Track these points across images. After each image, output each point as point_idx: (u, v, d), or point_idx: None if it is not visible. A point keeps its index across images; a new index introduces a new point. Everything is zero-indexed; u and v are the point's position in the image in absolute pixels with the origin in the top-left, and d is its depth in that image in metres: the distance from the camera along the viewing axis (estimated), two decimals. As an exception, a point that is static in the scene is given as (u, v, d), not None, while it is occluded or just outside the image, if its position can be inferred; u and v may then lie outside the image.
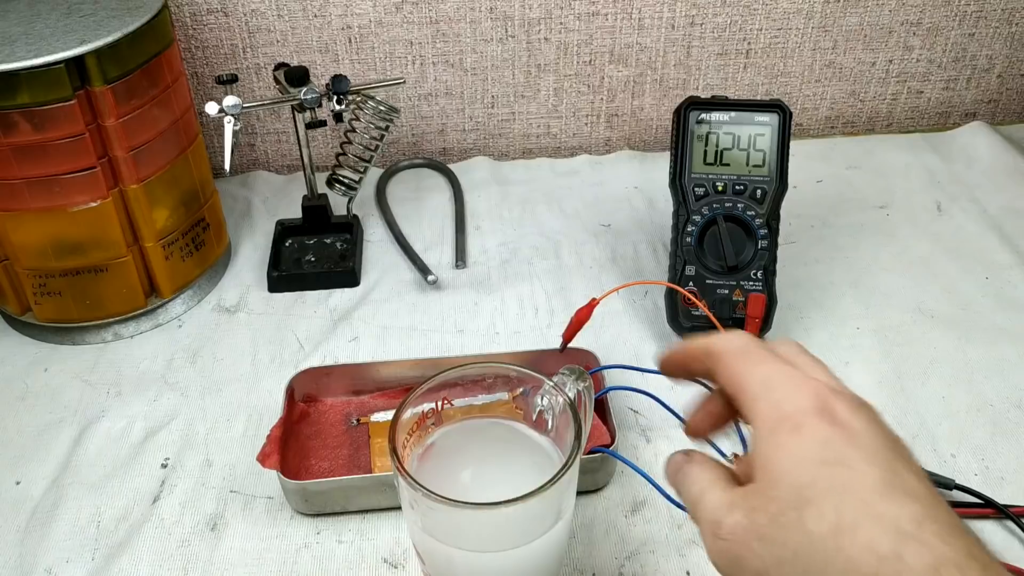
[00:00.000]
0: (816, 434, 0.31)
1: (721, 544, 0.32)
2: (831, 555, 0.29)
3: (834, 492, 0.30)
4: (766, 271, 0.66)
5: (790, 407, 0.32)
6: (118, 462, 0.60)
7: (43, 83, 0.59)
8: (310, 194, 0.79)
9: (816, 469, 0.31)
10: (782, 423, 0.32)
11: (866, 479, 0.30)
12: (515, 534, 0.42)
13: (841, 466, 0.30)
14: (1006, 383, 0.65)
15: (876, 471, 0.30)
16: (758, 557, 0.31)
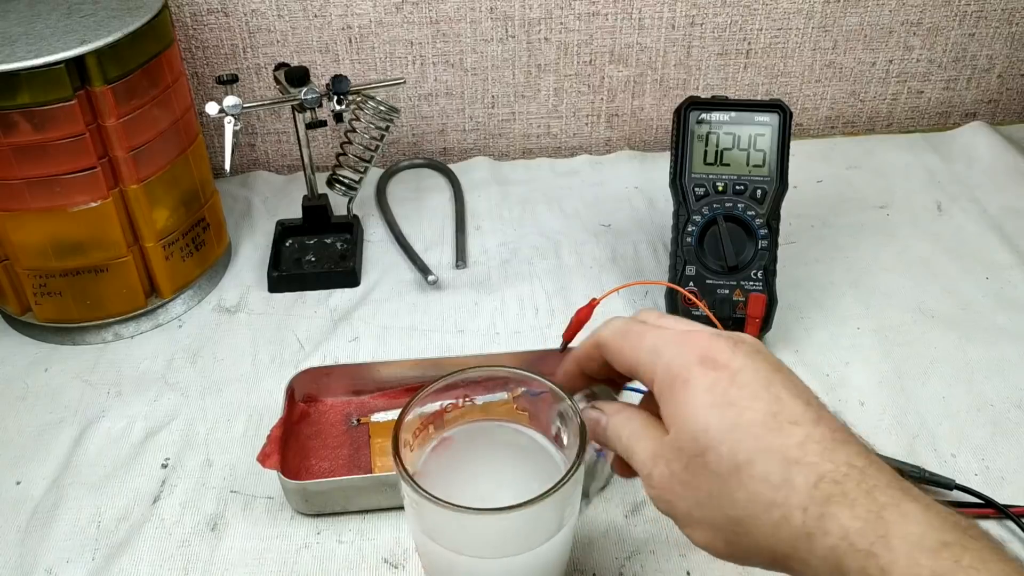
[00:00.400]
0: (702, 382, 0.35)
1: (654, 492, 0.37)
2: (735, 491, 0.33)
3: (726, 432, 0.34)
4: (766, 271, 0.66)
5: (677, 364, 0.36)
6: (118, 462, 0.60)
7: (43, 83, 0.59)
8: (310, 194, 0.79)
9: (708, 414, 0.34)
10: (675, 380, 0.36)
11: (753, 415, 0.34)
12: (518, 540, 0.42)
13: (729, 406, 0.34)
14: (1006, 383, 0.65)
15: (760, 404, 0.34)
16: (682, 500, 0.35)
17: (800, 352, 0.68)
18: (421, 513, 0.41)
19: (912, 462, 0.57)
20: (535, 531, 0.42)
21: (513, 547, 0.42)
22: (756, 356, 0.36)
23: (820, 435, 0.33)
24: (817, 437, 0.33)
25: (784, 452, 0.33)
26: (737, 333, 0.38)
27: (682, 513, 0.36)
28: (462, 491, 0.41)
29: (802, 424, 0.33)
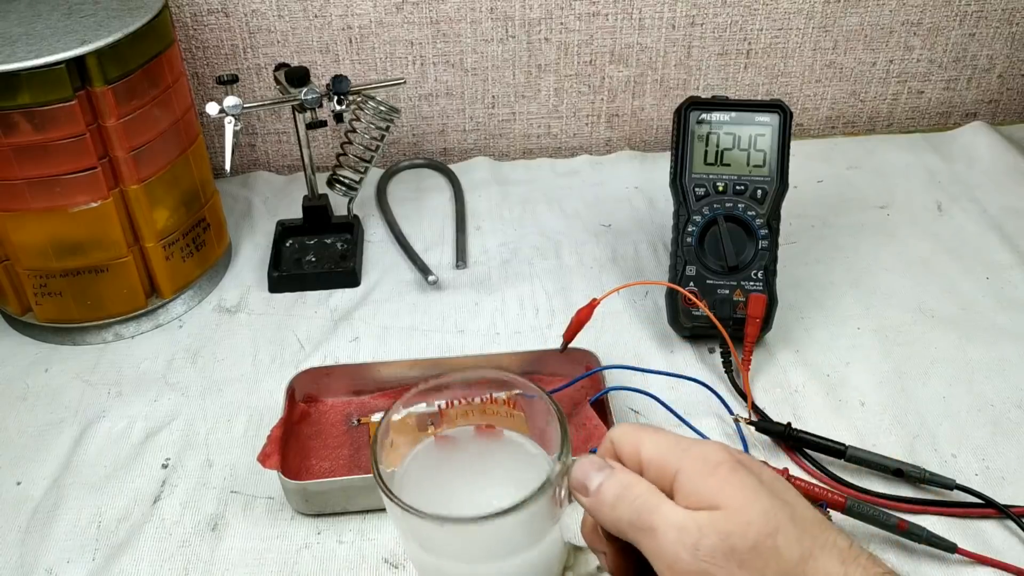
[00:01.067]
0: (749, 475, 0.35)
1: (699, 566, 0.34)
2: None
3: (790, 522, 0.34)
4: (767, 271, 0.66)
5: (715, 456, 0.36)
6: (119, 462, 0.61)
7: (44, 83, 0.59)
8: (311, 194, 0.79)
9: (769, 500, 0.34)
10: (718, 467, 0.35)
11: (806, 513, 0.35)
12: (504, 545, 0.40)
13: (781, 501, 0.35)
14: (1007, 383, 0.65)
15: (803, 508, 0.35)
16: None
17: (800, 352, 0.68)
18: (394, 515, 0.40)
19: (912, 462, 0.57)
20: (522, 536, 0.40)
21: (481, 555, 0.41)
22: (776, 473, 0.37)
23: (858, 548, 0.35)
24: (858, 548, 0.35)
25: (840, 551, 0.34)
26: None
27: None
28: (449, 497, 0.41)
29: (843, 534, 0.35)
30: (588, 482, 0.37)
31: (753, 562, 0.33)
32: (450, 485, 0.45)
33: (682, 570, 0.34)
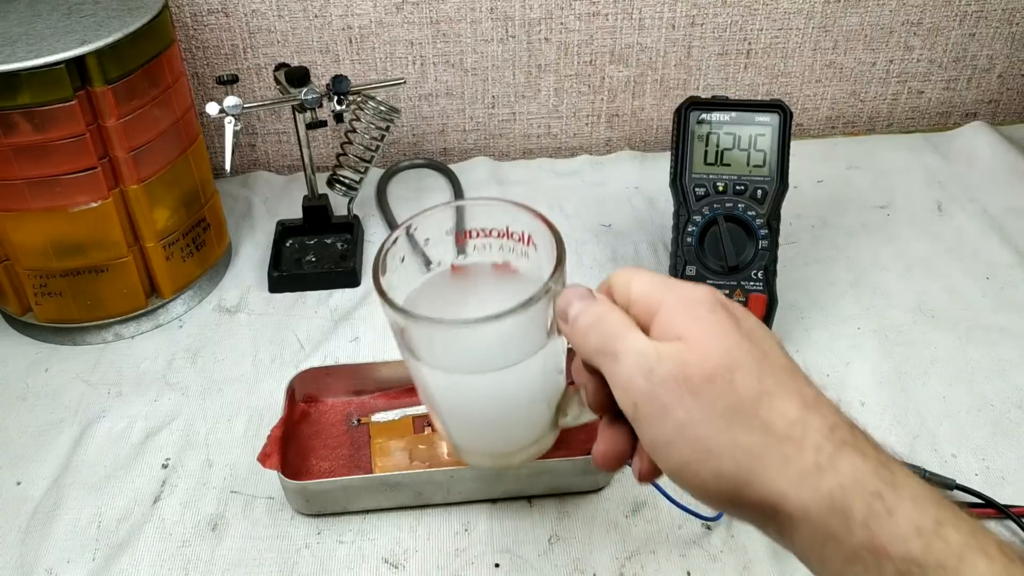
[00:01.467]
0: (727, 316, 0.36)
1: (651, 387, 0.35)
2: (753, 416, 0.33)
3: (755, 363, 0.35)
4: (767, 271, 0.66)
5: (697, 295, 0.37)
6: (119, 462, 0.61)
7: (44, 83, 0.59)
8: (311, 194, 0.79)
9: (739, 341, 0.35)
10: (697, 304, 0.36)
11: (775, 359, 0.35)
12: (494, 355, 0.42)
13: (753, 344, 0.35)
14: (1007, 383, 0.65)
15: (778, 356, 0.36)
16: (686, 409, 0.34)
17: (800, 352, 0.68)
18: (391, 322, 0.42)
19: (912, 462, 0.57)
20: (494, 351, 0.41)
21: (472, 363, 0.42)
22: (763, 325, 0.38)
23: (829, 400, 0.35)
24: (826, 400, 0.35)
25: (803, 397, 0.34)
26: None
27: (676, 422, 0.34)
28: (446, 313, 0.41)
29: (813, 386, 0.35)
30: (568, 309, 0.38)
31: (706, 393, 0.34)
32: (456, 308, 0.45)
33: (635, 393, 0.35)
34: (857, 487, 0.32)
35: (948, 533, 0.31)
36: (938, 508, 0.31)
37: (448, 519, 0.56)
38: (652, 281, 0.38)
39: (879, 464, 0.33)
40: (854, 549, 0.32)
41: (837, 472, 0.32)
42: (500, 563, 0.53)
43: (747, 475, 0.33)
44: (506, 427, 0.46)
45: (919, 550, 0.31)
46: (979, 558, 0.30)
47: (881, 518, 0.31)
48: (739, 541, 0.54)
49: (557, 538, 0.55)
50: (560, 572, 0.53)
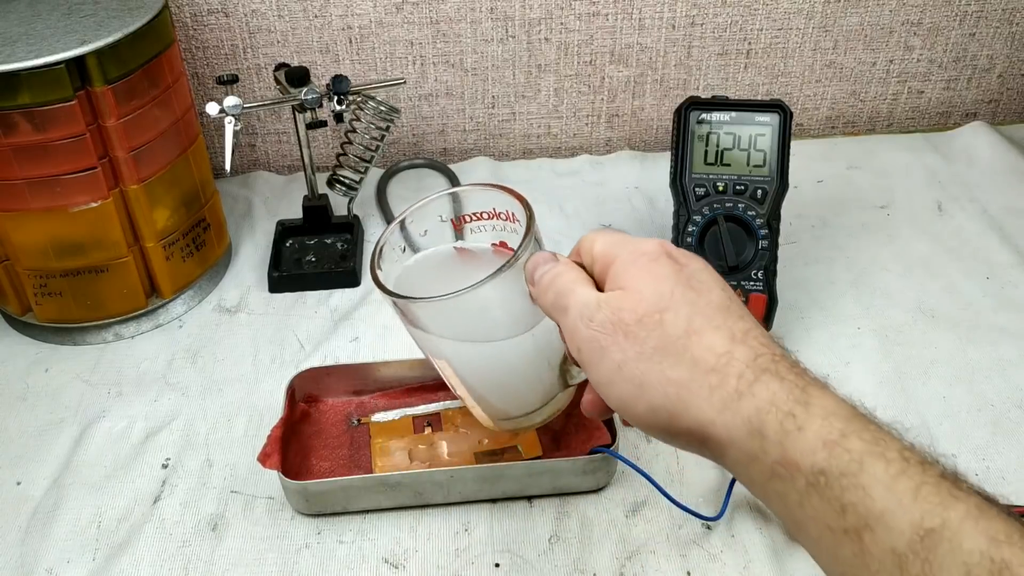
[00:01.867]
0: (669, 265, 0.39)
1: (590, 333, 0.38)
2: (681, 351, 0.37)
3: (686, 304, 0.38)
4: (767, 271, 0.66)
5: (645, 249, 0.40)
6: (119, 462, 0.61)
7: (44, 83, 0.59)
8: (311, 194, 0.79)
9: (673, 286, 0.38)
10: (641, 255, 0.40)
11: (710, 299, 0.38)
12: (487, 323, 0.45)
13: (690, 288, 0.38)
14: (1007, 383, 0.65)
15: (716, 296, 0.39)
16: (621, 350, 0.37)
17: (800, 352, 0.67)
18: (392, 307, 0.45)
19: (912, 462, 0.57)
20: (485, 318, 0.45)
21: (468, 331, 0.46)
22: (711, 268, 0.41)
23: (762, 333, 0.38)
24: (759, 332, 0.38)
25: (731, 332, 0.37)
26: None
27: (613, 362, 0.38)
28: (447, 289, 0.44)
29: (747, 320, 0.38)
30: (534, 273, 0.42)
31: (637, 333, 0.37)
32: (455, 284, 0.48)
33: (579, 339, 0.39)
34: (772, 409, 0.34)
35: (851, 442, 0.33)
36: (846, 421, 0.34)
37: (448, 519, 0.56)
38: (611, 239, 0.41)
39: (795, 386, 0.35)
40: (771, 466, 0.34)
41: (755, 397, 0.35)
42: (500, 563, 0.53)
43: (677, 406, 0.36)
44: (518, 391, 0.49)
45: (824, 461, 0.33)
46: (877, 463, 0.32)
47: (792, 435, 0.34)
48: (739, 541, 0.54)
49: (557, 538, 0.55)
50: (560, 572, 0.53)
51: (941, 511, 0.30)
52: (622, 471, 0.58)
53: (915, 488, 0.31)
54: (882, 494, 0.31)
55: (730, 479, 0.56)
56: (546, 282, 0.42)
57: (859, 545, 0.32)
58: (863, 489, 0.32)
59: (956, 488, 0.31)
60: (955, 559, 0.29)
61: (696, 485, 0.58)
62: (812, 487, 0.33)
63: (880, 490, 0.31)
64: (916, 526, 0.30)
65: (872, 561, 0.31)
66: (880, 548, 0.31)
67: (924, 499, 0.31)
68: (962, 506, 0.30)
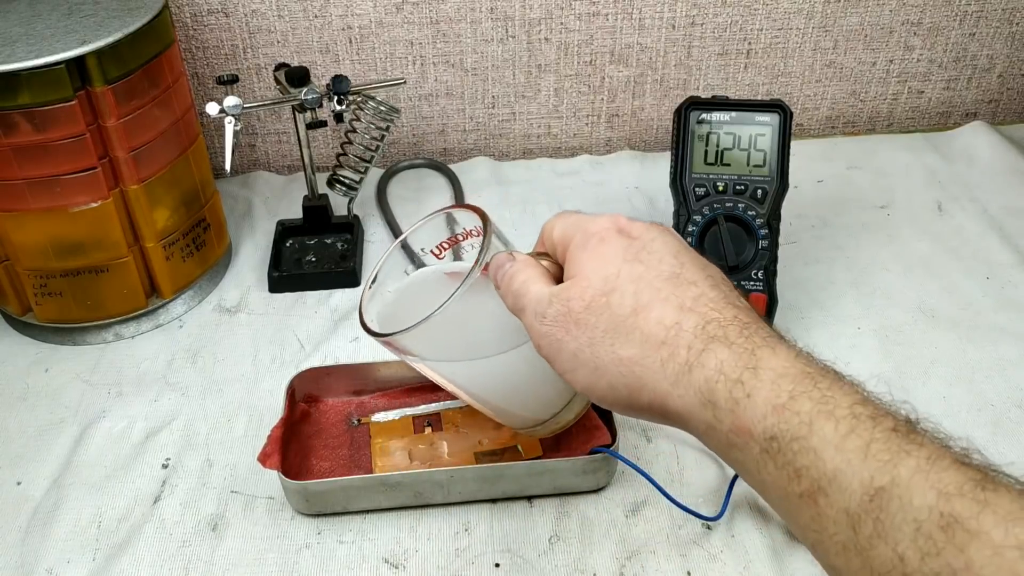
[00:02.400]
0: (618, 243, 0.39)
1: (545, 329, 0.39)
2: (631, 329, 0.37)
3: (633, 281, 0.38)
4: (767, 271, 0.66)
5: (597, 229, 0.40)
6: (119, 462, 0.61)
7: (44, 83, 0.59)
8: (311, 194, 0.79)
9: (620, 264, 0.38)
10: (591, 237, 0.40)
11: (658, 272, 0.38)
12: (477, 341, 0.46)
13: (638, 262, 0.38)
14: (1007, 383, 0.65)
15: (665, 266, 0.38)
16: (574, 339, 0.38)
17: (800, 352, 0.68)
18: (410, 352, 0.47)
19: (912, 462, 0.57)
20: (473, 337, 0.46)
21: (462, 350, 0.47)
22: (667, 234, 0.40)
23: (714, 295, 0.37)
24: (711, 296, 0.37)
25: (680, 302, 0.37)
26: (651, 221, 0.42)
27: (570, 352, 0.38)
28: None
29: (699, 286, 0.38)
30: (496, 277, 0.43)
31: (586, 319, 0.38)
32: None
33: (537, 336, 0.40)
34: (720, 378, 0.34)
35: (800, 404, 0.32)
36: (795, 382, 0.33)
37: (448, 519, 0.56)
38: (566, 223, 0.42)
39: (743, 351, 0.35)
40: (726, 435, 0.34)
41: (704, 367, 0.35)
42: (500, 563, 0.53)
43: (634, 383, 0.37)
44: (536, 396, 0.49)
45: (775, 426, 0.33)
46: (827, 423, 0.32)
47: (742, 403, 0.34)
48: (739, 541, 0.54)
49: (557, 538, 0.55)
50: (560, 572, 0.53)
51: (891, 468, 0.30)
52: (622, 471, 0.58)
53: (864, 446, 0.31)
54: (832, 455, 0.31)
55: (730, 479, 0.56)
56: (505, 286, 0.42)
57: (815, 508, 0.31)
58: (814, 452, 0.31)
59: (908, 441, 0.31)
60: (905, 516, 0.29)
61: (696, 485, 0.58)
62: (766, 453, 0.33)
63: (830, 451, 0.31)
64: (866, 486, 0.30)
65: (829, 523, 0.31)
66: (835, 510, 0.31)
67: (873, 457, 0.30)
68: (912, 461, 0.30)
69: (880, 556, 0.29)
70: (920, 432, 0.32)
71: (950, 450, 0.31)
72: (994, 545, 0.27)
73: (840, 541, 0.31)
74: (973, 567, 0.27)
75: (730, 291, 0.39)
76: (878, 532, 0.29)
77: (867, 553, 0.30)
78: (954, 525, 0.28)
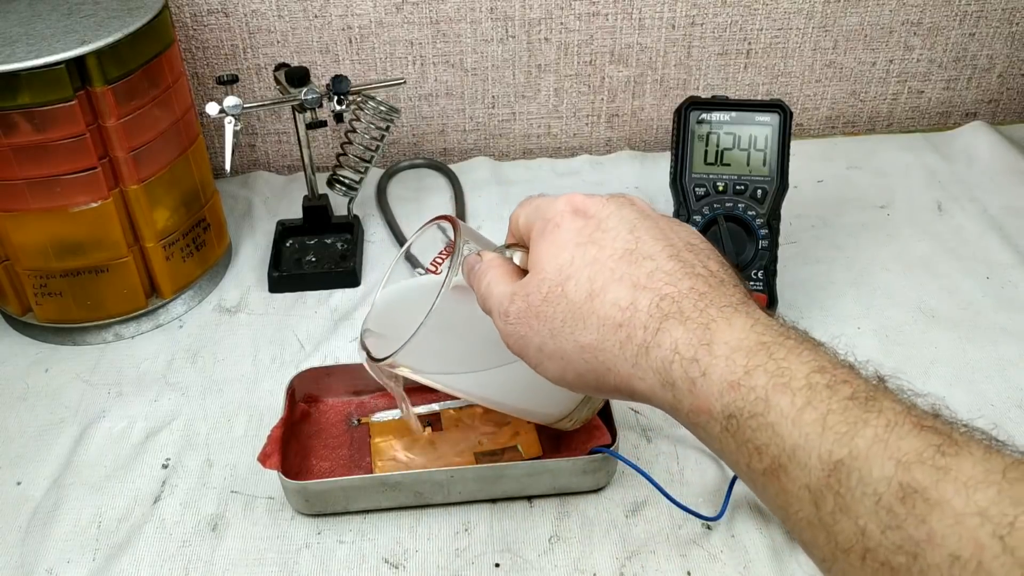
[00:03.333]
0: (572, 226, 0.39)
1: (510, 328, 0.39)
2: (588, 315, 0.36)
3: (587, 265, 0.37)
4: (767, 271, 0.66)
5: (552, 213, 0.40)
6: (119, 462, 0.61)
7: (44, 83, 0.59)
8: (311, 194, 0.79)
9: (573, 250, 0.38)
10: (547, 224, 0.39)
11: (612, 251, 0.37)
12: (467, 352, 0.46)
13: (592, 244, 0.38)
14: (1007, 383, 0.65)
15: (619, 244, 0.37)
16: (536, 333, 0.38)
17: (800, 352, 0.68)
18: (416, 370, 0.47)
19: (912, 462, 0.57)
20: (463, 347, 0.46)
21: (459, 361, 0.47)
22: (625, 207, 0.40)
23: (671, 268, 0.36)
24: (667, 269, 0.36)
25: (634, 280, 0.36)
26: (612, 195, 0.41)
27: (535, 346, 0.38)
28: None
29: (655, 259, 0.37)
30: (469, 278, 0.43)
31: (545, 311, 0.38)
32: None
33: (505, 337, 0.40)
34: (676, 358, 0.34)
35: (756, 378, 0.32)
36: (750, 355, 0.32)
37: (448, 519, 0.56)
38: (527, 210, 0.42)
39: (698, 326, 0.34)
40: (687, 415, 0.34)
41: (660, 347, 0.34)
42: (500, 563, 0.53)
43: (599, 369, 0.36)
44: (551, 395, 0.49)
45: (732, 404, 0.32)
46: (783, 397, 0.31)
47: (698, 382, 0.33)
48: (739, 541, 0.54)
49: (557, 538, 0.55)
50: (560, 572, 0.53)
51: (848, 440, 0.29)
52: (622, 471, 0.58)
53: (821, 419, 0.30)
54: (790, 431, 0.30)
55: (730, 479, 0.56)
56: (475, 287, 0.42)
57: (779, 485, 0.31)
58: (771, 428, 0.31)
59: (866, 410, 0.30)
60: (865, 489, 0.28)
61: (696, 485, 0.58)
62: (726, 431, 0.32)
63: (787, 427, 0.30)
64: (824, 460, 0.29)
65: (793, 500, 0.30)
66: (796, 486, 0.30)
67: (830, 429, 0.30)
68: (870, 430, 0.29)
69: (843, 531, 0.29)
70: (883, 395, 0.31)
71: (912, 412, 0.30)
72: (956, 513, 0.26)
73: (805, 517, 0.30)
74: (935, 538, 0.26)
75: (694, 256, 0.37)
76: (840, 507, 0.29)
77: (831, 528, 0.29)
78: (914, 495, 0.27)
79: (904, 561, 0.27)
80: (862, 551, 0.28)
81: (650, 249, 0.37)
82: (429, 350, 0.44)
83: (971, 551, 0.26)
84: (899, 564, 0.27)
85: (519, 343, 0.39)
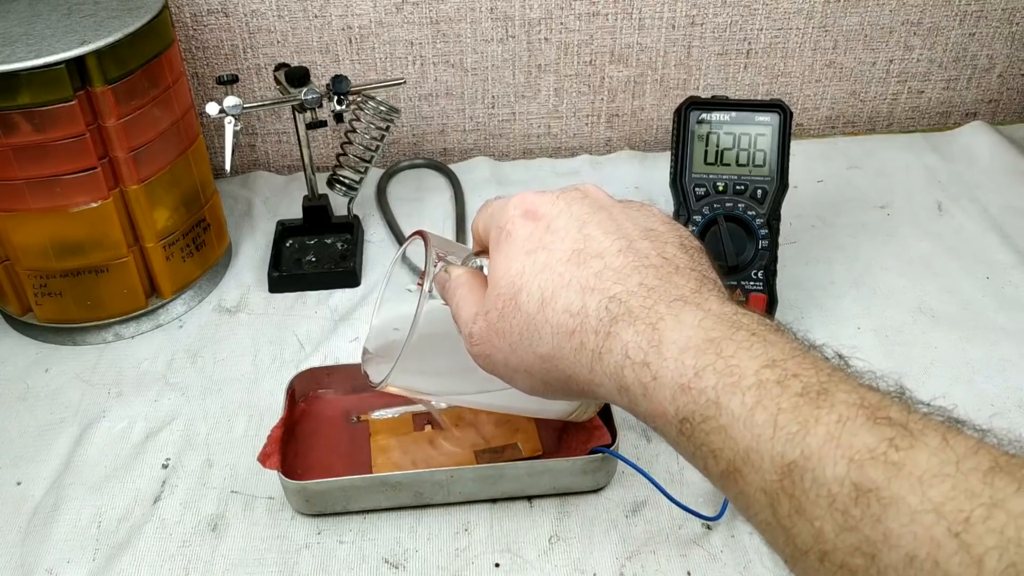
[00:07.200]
0: (522, 232, 0.38)
1: (476, 349, 0.39)
2: (542, 326, 0.35)
3: (537, 272, 0.36)
4: (767, 271, 0.66)
5: (503, 220, 0.39)
6: (119, 462, 0.61)
7: (44, 83, 0.59)
8: (311, 194, 0.79)
9: (523, 259, 0.37)
10: (500, 234, 0.39)
11: (560, 255, 0.36)
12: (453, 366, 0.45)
13: (541, 250, 0.37)
14: (1007, 383, 0.65)
15: (567, 244, 0.36)
16: (499, 350, 0.37)
17: (800, 352, 0.68)
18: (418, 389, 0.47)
19: (912, 462, 0.57)
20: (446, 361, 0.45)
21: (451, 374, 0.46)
22: (576, 202, 0.38)
23: (619, 264, 0.35)
24: (615, 266, 0.35)
25: (583, 283, 0.35)
26: (569, 187, 0.40)
27: (501, 363, 0.38)
28: None
29: (604, 257, 0.36)
30: (443, 296, 0.42)
31: (502, 328, 0.37)
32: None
33: (474, 357, 0.39)
34: (627, 363, 0.33)
35: (705, 379, 0.31)
36: (699, 354, 0.31)
37: (448, 519, 0.56)
38: (485, 216, 0.41)
39: (646, 327, 0.33)
40: (646, 419, 0.33)
41: (612, 352, 0.33)
42: (500, 563, 0.53)
43: (560, 377, 0.36)
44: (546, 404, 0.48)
45: (684, 407, 0.31)
46: (733, 398, 0.30)
47: (650, 387, 0.32)
48: (739, 541, 0.54)
49: (557, 538, 0.55)
50: (560, 572, 0.53)
51: (800, 439, 0.28)
52: (622, 471, 0.58)
53: (772, 419, 0.29)
54: (742, 433, 0.29)
55: (730, 479, 0.56)
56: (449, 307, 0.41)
57: (736, 488, 0.30)
58: (724, 431, 0.30)
59: (816, 406, 0.29)
60: (819, 491, 0.27)
61: (696, 485, 0.58)
62: (682, 435, 0.31)
63: (739, 429, 0.29)
64: (778, 463, 0.28)
65: (751, 503, 0.30)
66: (752, 489, 0.29)
67: (782, 429, 0.29)
68: (822, 428, 0.28)
69: (801, 533, 0.28)
70: (836, 386, 0.30)
71: (866, 402, 0.29)
72: (911, 511, 0.25)
73: (764, 519, 0.29)
74: (891, 538, 0.26)
75: (650, 245, 0.36)
76: (795, 509, 0.28)
77: (789, 531, 0.28)
78: (868, 495, 0.26)
79: (862, 563, 0.26)
80: (820, 553, 0.27)
81: (599, 246, 0.36)
82: (427, 370, 0.44)
83: (927, 550, 0.25)
84: (857, 566, 0.26)
85: (487, 363, 0.39)
